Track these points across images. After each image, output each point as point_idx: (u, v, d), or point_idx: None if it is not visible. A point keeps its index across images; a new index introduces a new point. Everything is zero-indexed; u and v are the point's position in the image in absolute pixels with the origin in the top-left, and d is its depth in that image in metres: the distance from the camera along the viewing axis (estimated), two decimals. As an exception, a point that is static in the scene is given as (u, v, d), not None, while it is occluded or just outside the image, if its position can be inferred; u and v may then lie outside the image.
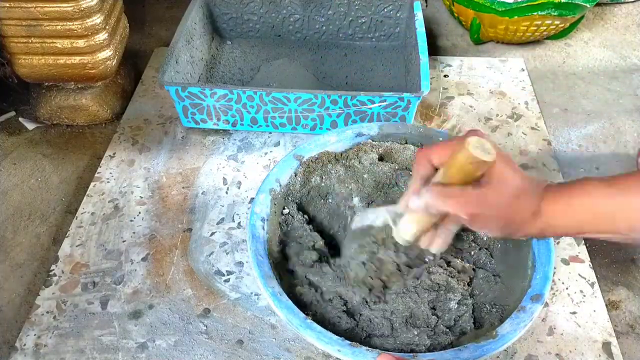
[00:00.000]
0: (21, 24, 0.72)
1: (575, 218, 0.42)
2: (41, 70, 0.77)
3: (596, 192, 0.41)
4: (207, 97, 0.74)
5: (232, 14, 0.94)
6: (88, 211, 0.70)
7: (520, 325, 0.48)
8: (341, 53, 0.95)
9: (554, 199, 0.42)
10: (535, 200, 0.42)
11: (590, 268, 0.63)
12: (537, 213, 0.42)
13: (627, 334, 0.60)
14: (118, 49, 0.81)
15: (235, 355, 0.56)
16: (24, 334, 0.58)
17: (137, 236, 0.67)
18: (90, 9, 0.72)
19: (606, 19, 1.08)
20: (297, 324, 0.48)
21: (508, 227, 0.43)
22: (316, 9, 0.93)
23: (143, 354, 0.56)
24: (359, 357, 0.45)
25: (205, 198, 0.72)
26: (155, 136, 0.81)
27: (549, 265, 0.53)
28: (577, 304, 0.60)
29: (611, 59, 0.98)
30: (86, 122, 0.85)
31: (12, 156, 0.81)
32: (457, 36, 1.04)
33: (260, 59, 0.94)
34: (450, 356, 0.46)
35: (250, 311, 0.60)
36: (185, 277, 0.63)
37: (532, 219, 0.42)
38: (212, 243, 0.66)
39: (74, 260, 0.65)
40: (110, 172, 0.75)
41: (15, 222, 0.72)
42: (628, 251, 0.67)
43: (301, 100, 0.73)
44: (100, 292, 0.62)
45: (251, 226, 0.56)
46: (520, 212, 0.42)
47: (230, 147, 0.79)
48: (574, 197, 0.42)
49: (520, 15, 0.90)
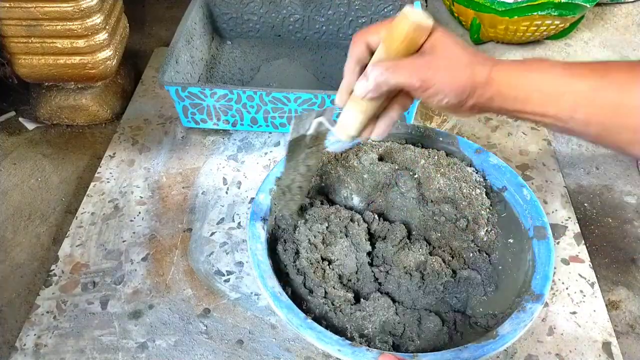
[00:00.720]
0: (21, 24, 0.72)
1: (525, 90, 0.42)
2: (41, 70, 0.77)
3: (551, 70, 0.42)
4: (207, 97, 0.74)
5: (232, 14, 0.94)
6: (88, 211, 0.70)
7: (520, 325, 0.48)
8: (341, 53, 0.95)
9: (508, 68, 0.43)
10: (487, 67, 0.43)
11: (590, 268, 0.63)
12: (490, 80, 0.42)
13: (627, 334, 0.60)
14: (118, 49, 0.81)
15: (235, 355, 0.56)
16: (24, 334, 0.58)
17: (137, 236, 0.67)
18: (90, 9, 0.72)
19: (606, 19, 1.08)
20: (297, 324, 0.48)
21: (460, 94, 0.43)
22: (316, 9, 0.93)
23: (143, 354, 0.56)
24: (359, 357, 0.45)
25: (205, 198, 0.72)
26: (155, 136, 0.81)
27: (549, 265, 0.53)
28: (577, 304, 0.60)
29: (611, 58, 0.98)
30: (86, 122, 0.85)
31: (12, 156, 0.81)
32: (457, 36, 1.04)
33: (260, 59, 0.94)
34: (450, 356, 0.46)
35: (250, 311, 0.60)
36: (185, 277, 0.63)
37: (483, 85, 0.43)
38: (212, 243, 0.66)
39: (74, 260, 0.65)
40: (110, 172, 0.75)
41: (15, 222, 0.72)
42: (628, 251, 0.67)
43: (301, 100, 0.73)
44: (100, 292, 0.62)
45: (251, 226, 0.56)
46: (472, 76, 0.42)
47: (230, 147, 0.79)
48: (529, 71, 0.42)
49: (520, 15, 0.90)
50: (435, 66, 0.42)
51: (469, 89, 0.42)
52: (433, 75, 0.41)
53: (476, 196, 0.61)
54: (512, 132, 0.81)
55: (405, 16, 0.40)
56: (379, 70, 0.42)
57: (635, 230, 0.70)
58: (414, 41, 0.42)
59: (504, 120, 0.83)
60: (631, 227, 0.70)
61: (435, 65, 0.42)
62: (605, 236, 0.69)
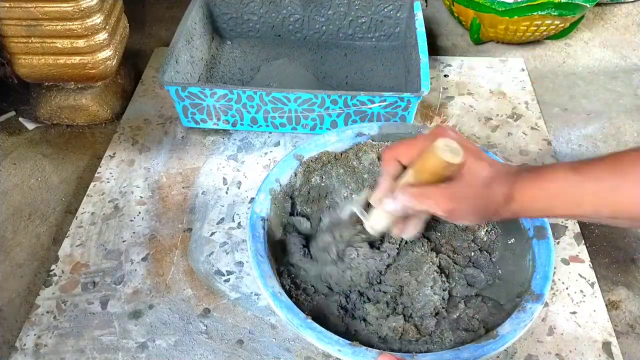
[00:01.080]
0: (21, 24, 0.72)
1: (546, 202, 0.44)
2: (41, 70, 0.77)
3: (565, 179, 0.43)
4: (207, 97, 0.74)
5: (232, 14, 0.94)
6: (88, 211, 0.70)
7: (520, 325, 0.48)
8: (341, 53, 0.95)
9: (526, 185, 0.44)
10: (506, 186, 0.44)
11: (590, 268, 0.63)
12: (510, 198, 0.44)
13: (627, 334, 0.60)
14: (118, 49, 0.81)
15: (235, 355, 0.56)
16: (24, 334, 0.58)
17: (137, 236, 0.67)
18: (90, 9, 0.72)
19: (606, 19, 1.08)
20: (297, 323, 0.48)
21: (483, 215, 0.46)
22: (316, 9, 0.93)
23: (143, 354, 0.56)
24: (359, 357, 0.45)
25: (205, 198, 0.72)
26: (155, 136, 0.81)
27: (549, 265, 0.53)
28: (577, 304, 0.60)
29: (611, 59, 0.98)
30: (86, 122, 0.85)
31: (12, 156, 0.81)
32: (457, 36, 1.04)
33: (260, 59, 0.94)
34: (450, 356, 0.46)
35: (250, 311, 0.60)
36: (185, 277, 0.63)
37: (505, 204, 0.45)
38: (212, 243, 0.66)
39: (74, 260, 0.65)
40: (110, 172, 0.75)
41: (15, 222, 0.72)
42: (628, 251, 0.67)
43: (301, 100, 0.73)
44: (100, 292, 0.62)
45: (251, 226, 0.56)
46: (493, 199, 0.44)
47: (230, 147, 0.79)
48: (544, 182, 0.44)
49: (520, 15, 0.90)
50: (459, 197, 0.44)
51: (490, 212, 0.45)
52: (457, 206, 0.44)
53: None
54: (512, 132, 0.81)
55: (435, 153, 0.41)
56: (406, 196, 0.44)
57: (635, 230, 0.70)
58: (443, 175, 0.43)
59: (504, 120, 0.83)
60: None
61: (460, 196, 0.44)
62: (605, 236, 0.69)
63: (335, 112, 0.75)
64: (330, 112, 0.75)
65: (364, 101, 0.72)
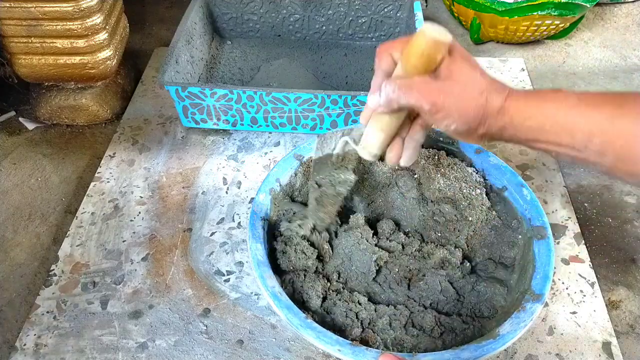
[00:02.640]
0: (21, 24, 0.72)
1: (538, 120, 0.42)
2: (41, 70, 0.77)
3: (566, 101, 0.42)
4: (207, 97, 0.74)
5: (232, 14, 0.94)
6: (88, 211, 0.70)
7: (520, 325, 0.48)
8: (341, 53, 0.95)
9: (520, 99, 0.42)
10: (500, 97, 0.42)
11: (590, 268, 0.63)
12: (502, 109, 0.42)
13: (627, 334, 0.60)
14: (118, 49, 0.81)
15: (235, 355, 0.56)
16: (24, 334, 0.58)
17: (137, 236, 0.67)
18: (90, 9, 0.72)
19: (606, 19, 1.08)
20: (297, 323, 0.48)
21: (470, 120, 0.42)
22: (316, 9, 0.93)
23: (143, 354, 0.56)
24: (359, 356, 0.45)
25: (205, 198, 0.72)
26: (155, 136, 0.81)
27: (549, 265, 0.53)
28: (577, 304, 0.60)
29: (611, 59, 0.98)
30: (86, 122, 0.85)
31: (12, 156, 0.81)
32: (457, 36, 1.04)
33: (260, 59, 0.94)
34: (450, 356, 0.46)
35: (250, 311, 0.60)
36: (185, 277, 0.63)
37: (495, 114, 0.42)
38: (212, 243, 0.66)
39: (74, 260, 0.65)
40: (110, 172, 0.75)
41: (15, 222, 0.72)
42: (628, 251, 0.67)
43: (301, 100, 0.73)
44: (100, 292, 0.62)
45: (251, 226, 0.56)
46: (484, 104, 0.42)
47: (230, 147, 0.79)
48: (544, 101, 0.42)
49: (520, 15, 0.90)
50: (447, 91, 0.41)
51: (479, 117, 0.42)
52: (443, 100, 0.41)
53: (476, 196, 0.61)
54: (512, 132, 0.81)
55: (423, 32, 0.40)
56: (391, 87, 0.42)
57: (635, 230, 0.70)
58: (431, 57, 0.41)
59: (504, 120, 0.83)
60: (631, 227, 0.70)
61: (448, 91, 0.41)
62: (605, 236, 0.69)
63: (335, 112, 0.75)
64: (330, 112, 0.75)
65: (364, 101, 0.72)
